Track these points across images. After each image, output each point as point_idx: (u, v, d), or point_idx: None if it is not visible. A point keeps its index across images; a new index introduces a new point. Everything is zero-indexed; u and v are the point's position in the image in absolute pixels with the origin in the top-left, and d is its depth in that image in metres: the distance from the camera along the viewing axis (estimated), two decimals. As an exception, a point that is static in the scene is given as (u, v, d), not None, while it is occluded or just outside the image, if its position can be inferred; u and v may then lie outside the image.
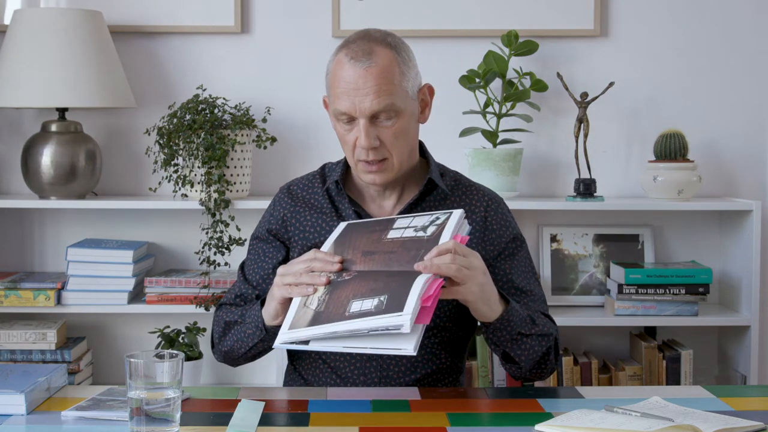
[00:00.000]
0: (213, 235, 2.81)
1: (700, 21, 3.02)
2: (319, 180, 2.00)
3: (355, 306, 1.58)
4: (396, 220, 1.77)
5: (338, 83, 1.82)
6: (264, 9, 3.00)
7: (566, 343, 3.00)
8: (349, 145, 1.86)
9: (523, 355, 1.82)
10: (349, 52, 1.82)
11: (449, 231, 1.67)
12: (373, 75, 1.79)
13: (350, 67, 1.80)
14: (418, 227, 1.72)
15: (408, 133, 1.87)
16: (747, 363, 2.81)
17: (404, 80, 1.83)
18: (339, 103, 1.82)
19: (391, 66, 1.81)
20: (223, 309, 1.97)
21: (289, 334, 1.60)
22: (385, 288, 1.59)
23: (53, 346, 2.77)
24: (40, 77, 2.72)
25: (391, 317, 1.52)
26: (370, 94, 1.79)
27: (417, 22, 2.97)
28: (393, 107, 1.81)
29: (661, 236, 3.05)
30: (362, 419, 1.60)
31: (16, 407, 1.60)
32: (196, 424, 1.57)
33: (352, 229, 1.78)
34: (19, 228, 3.03)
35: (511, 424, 1.58)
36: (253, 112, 2.94)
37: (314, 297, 1.64)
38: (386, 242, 1.70)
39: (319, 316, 1.60)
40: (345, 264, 1.69)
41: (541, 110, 2.96)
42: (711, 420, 1.51)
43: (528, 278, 1.93)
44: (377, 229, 1.75)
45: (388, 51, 1.82)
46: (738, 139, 3.04)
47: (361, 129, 1.81)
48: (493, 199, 1.98)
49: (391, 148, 1.84)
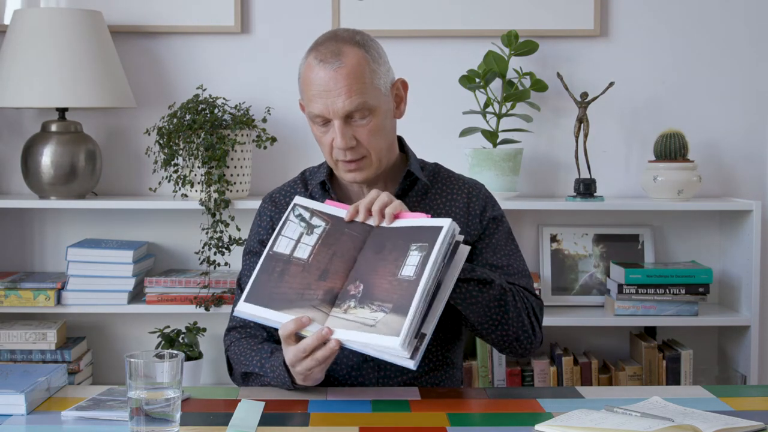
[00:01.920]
0: (213, 235, 2.81)
1: (700, 21, 3.02)
2: (300, 185, 2.00)
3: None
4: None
5: (310, 86, 1.82)
6: (264, 9, 3.00)
7: (566, 343, 3.00)
8: (326, 146, 1.86)
9: (500, 311, 1.80)
10: (318, 54, 1.82)
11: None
12: (342, 75, 1.79)
13: (320, 69, 1.81)
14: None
15: (384, 129, 1.87)
16: (747, 363, 2.81)
17: (375, 77, 1.83)
18: (312, 106, 1.83)
19: (360, 65, 1.81)
20: (233, 339, 1.91)
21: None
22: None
23: (53, 346, 2.77)
24: (40, 77, 2.72)
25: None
26: (341, 94, 1.79)
27: (417, 22, 2.97)
28: (366, 105, 1.81)
29: (661, 236, 3.05)
30: (362, 419, 1.60)
31: (16, 407, 1.60)
32: (196, 424, 1.57)
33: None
34: (19, 228, 3.03)
35: (511, 424, 1.57)
36: (253, 112, 2.94)
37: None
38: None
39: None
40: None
41: (541, 110, 2.96)
42: (711, 420, 1.51)
43: (506, 255, 1.93)
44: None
45: (356, 50, 1.82)
46: (738, 139, 3.04)
47: (336, 130, 1.82)
48: (473, 186, 1.99)
49: (368, 146, 1.85)
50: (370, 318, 1.60)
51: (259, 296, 1.70)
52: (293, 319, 1.65)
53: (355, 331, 1.60)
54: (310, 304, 1.66)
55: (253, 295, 1.71)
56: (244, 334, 1.92)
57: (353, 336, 1.60)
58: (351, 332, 1.60)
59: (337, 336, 1.61)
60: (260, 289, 1.71)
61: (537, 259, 3.02)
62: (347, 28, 1.90)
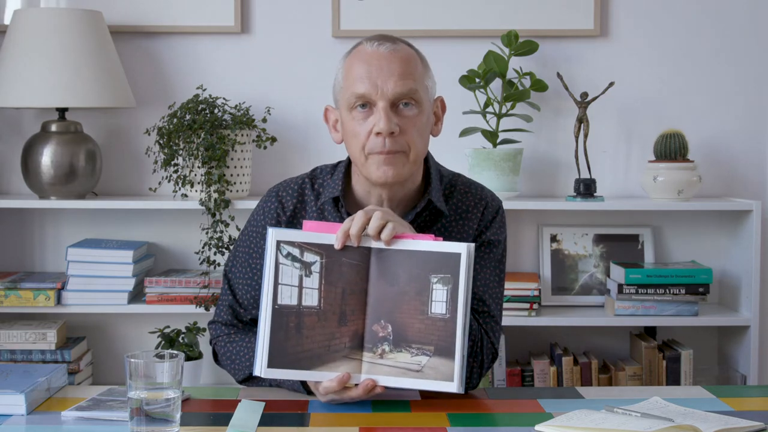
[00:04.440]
0: (213, 235, 2.81)
1: (699, 21, 3.02)
2: (309, 188, 1.86)
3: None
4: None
5: (357, 69, 1.73)
6: (264, 9, 3.00)
7: (566, 343, 3.00)
8: (360, 137, 1.73)
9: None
10: (369, 42, 1.75)
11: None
12: (398, 57, 1.72)
13: (373, 50, 1.73)
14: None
15: (425, 130, 1.77)
16: (747, 363, 2.81)
17: (425, 77, 1.77)
18: (357, 86, 1.71)
19: (414, 58, 1.76)
20: (221, 332, 1.87)
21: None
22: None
23: (53, 346, 2.77)
24: (40, 77, 2.72)
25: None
26: (393, 74, 1.71)
27: (417, 22, 2.97)
28: (416, 95, 1.72)
29: (661, 236, 3.05)
30: (362, 419, 1.60)
31: (16, 407, 1.60)
32: (196, 424, 1.57)
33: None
34: (19, 228, 3.03)
35: (511, 424, 1.58)
36: (253, 112, 2.94)
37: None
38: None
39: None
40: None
41: (541, 110, 2.96)
42: (711, 420, 1.51)
43: (483, 284, 1.82)
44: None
45: (409, 47, 1.77)
46: (738, 140, 3.04)
47: (381, 112, 1.70)
48: (489, 205, 1.87)
49: (408, 140, 1.72)
50: (413, 363, 1.59)
51: (283, 359, 1.59)
52: (335, 381, 1.60)
53: (402, 378, 1.59)
54: (340, 355, 1.61)
55: (275, 358, 1.59)
56: (233, 330, 1.88)
57: (401, 383, 1.60)
58: (398, 379, 1.60)
59: (383, 383, 1.60)
60: (281, 351, 1.59)
61: (537, 259, 3.02)
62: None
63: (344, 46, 2.97)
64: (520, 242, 3.03)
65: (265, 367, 1.59)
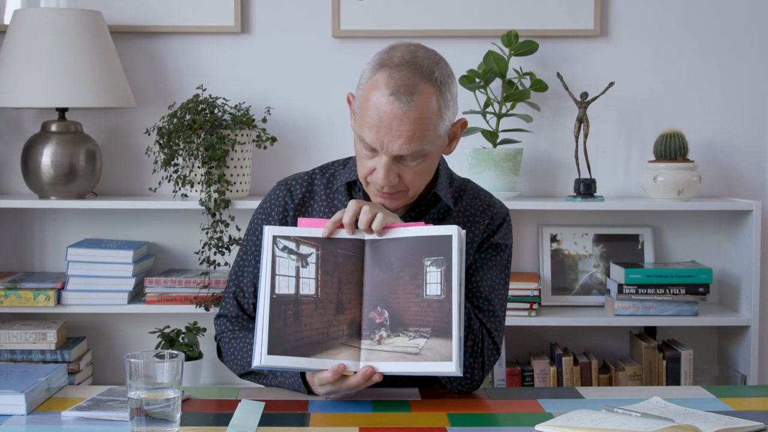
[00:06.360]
0: (213, 235, 2.81)
1: (699, 21, 3.02)
2: (319, 178, 1.89)
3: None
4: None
5: (370, 112, 1.68)
6: (264, 9, 3.00)
7: (566, 343, 3.00)
8: (364, 168, 1.74)
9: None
10: (390, 81, 1.66)
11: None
12: (410, 120, 1.66)
13: (387, 103, 1.66)
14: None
15: (431, 170, 1.77)
16: (747, 363, 2.81)
17: (440, 124, 1.71)
18: (365, 133, 1.69)
19: (430, 110, 1.68)
20: (227, 328, 1.88)
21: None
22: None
23: (53, 346, 2.77)
24: (40, 77, 2.72)
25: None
26: (401, 137, 1.67)
27: (417, 22, 2.97)
28: (422, 152, 1.70)
29: (661, 236, 3.05)
30: (362, 419, 1.60)
31: (16, 407, 1.60)
32: (196, 424, 1.57)
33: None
34: (19, 228, 3.03)
35: (511, 424, 1.58)
36: (253, 112, 2.94)
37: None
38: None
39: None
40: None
41: (541, 110, 2.96)
42: (711, 420, 1.51)
43: (488, 285, 1.83)
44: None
45: (431, 90, 1.68)
46: (738, 139, 3.04)
47: (382, 166, 1.70)
48: (497, 213, 1.88)
49: (409, 184, 1.74)
50: (411, 346, 1.59)
51: (282, 346, 1.60)
52: (330, 372, 1.60)
53: (400, 362, 1.59)
54: (338, 342, 1.62)
55: (274, 345, 1.60)
56: (238, 326, 1.88)
57: (400, 368, 1.60)
58: (397, 363, 1.60)
59: (382, 370, 1.60)
60: (280, 338, 1.61)
61: (537, 259, 3.02)
62: (428, 48, 1.75)
63: (344, 46, 3.02)
64: (520, 242, 3.03)
65: (265, 354, 1.60)
